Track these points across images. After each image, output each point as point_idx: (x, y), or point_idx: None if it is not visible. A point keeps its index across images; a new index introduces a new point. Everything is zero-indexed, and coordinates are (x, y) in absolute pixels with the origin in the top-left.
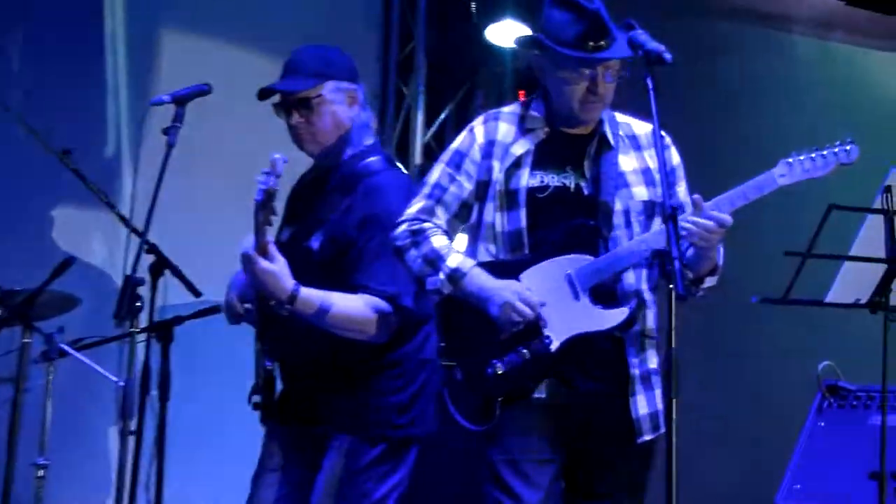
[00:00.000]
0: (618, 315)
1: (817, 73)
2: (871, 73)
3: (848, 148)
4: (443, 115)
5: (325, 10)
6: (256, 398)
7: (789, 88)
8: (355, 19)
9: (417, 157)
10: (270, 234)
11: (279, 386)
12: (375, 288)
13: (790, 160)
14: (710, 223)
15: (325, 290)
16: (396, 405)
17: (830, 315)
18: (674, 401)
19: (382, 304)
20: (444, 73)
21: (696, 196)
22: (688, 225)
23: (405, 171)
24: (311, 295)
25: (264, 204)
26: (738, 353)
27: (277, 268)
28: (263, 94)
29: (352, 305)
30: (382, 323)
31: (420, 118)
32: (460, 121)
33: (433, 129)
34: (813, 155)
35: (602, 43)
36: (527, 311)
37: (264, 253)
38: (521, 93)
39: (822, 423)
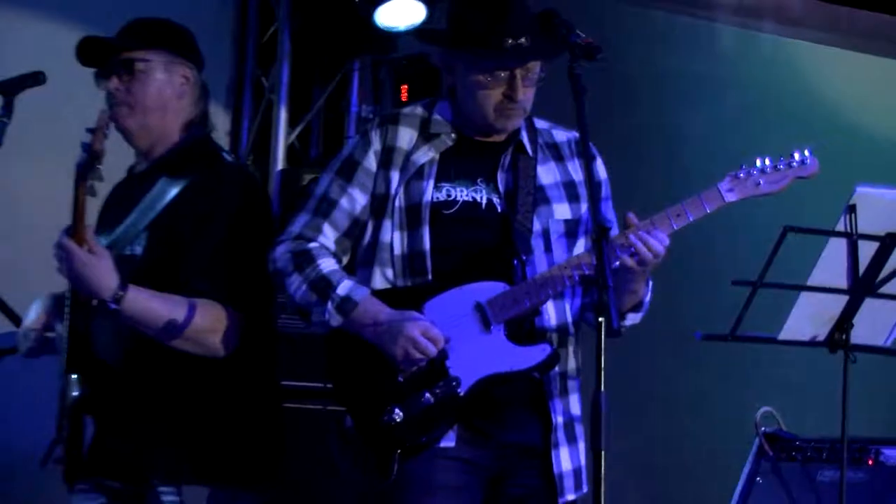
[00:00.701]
0: (537, 353)
1: (742, 67)
2: (803, 67)
3: (806, 160)
4: (311, 113)
5: None
6: (58, 450)
7: (710, 84)
8: None
9: (280, 162)
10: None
11: (90, 430)
12: (215, 292)
13: (738, 173)
14: (652, 242)
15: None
16: (238, 446)
17: (779, 353)
18: (602, 453)
19: (223, 312)
20: (314, 63)
21: (629, 214)
22: (624, 247)
23: (262, 179)
24: (141, 295)
25: (87, 167)
26: (671, 397)
27: (100, 260)
28: (85, 50)
29: (188, 310)
30: (224, 333)
31: (283, 115)
32: (331, 120)
33: (299, 128)
34: (765, 167)
35: (522, 40)
36: (430, 347)
37: (83, 241)
38: (404, 88)
39: (760, 479)
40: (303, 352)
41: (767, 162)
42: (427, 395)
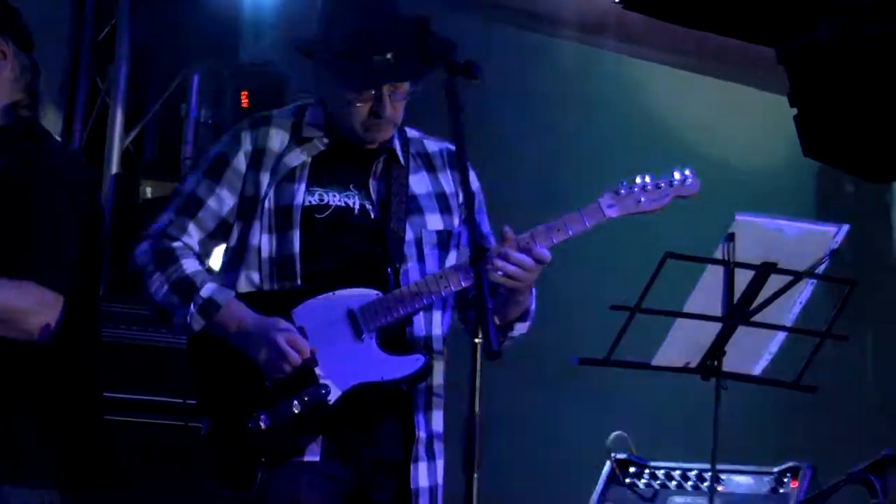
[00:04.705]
0: (410, 363)
1: (584, 84)
2: (646, 87)
3: (687, 179)
4: (147, 117)
5: None
6: None
7: (551, 101)
8: None
9: (114, 167)
10: None
11: None
12: (34, 272)
13: (619, 189)
14: (525, 260)
15: None
16: (52, 443)
17: (638, 378)
18: (475, 476)
19: (43, 292)
20: (153, 63)
21: (506, 228)
22: (498, 263)
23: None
24: None
25: None
26: (528, 420)
27: None
28: None
29: (4, 288)
30: (44, 316)
31: (119, 118)
32: (168, 125)
33: (134, 131)
34: (645, 184)
35: (389, 57)
36: (294, 356)
37: None
38: (244, 94)
39: None
40: (163, 366)
41: (648, 179)
42: (295, 402)
